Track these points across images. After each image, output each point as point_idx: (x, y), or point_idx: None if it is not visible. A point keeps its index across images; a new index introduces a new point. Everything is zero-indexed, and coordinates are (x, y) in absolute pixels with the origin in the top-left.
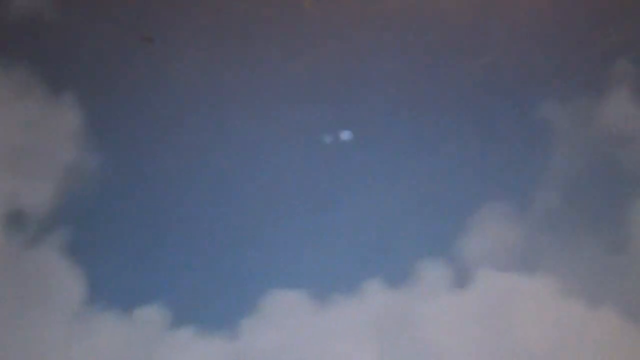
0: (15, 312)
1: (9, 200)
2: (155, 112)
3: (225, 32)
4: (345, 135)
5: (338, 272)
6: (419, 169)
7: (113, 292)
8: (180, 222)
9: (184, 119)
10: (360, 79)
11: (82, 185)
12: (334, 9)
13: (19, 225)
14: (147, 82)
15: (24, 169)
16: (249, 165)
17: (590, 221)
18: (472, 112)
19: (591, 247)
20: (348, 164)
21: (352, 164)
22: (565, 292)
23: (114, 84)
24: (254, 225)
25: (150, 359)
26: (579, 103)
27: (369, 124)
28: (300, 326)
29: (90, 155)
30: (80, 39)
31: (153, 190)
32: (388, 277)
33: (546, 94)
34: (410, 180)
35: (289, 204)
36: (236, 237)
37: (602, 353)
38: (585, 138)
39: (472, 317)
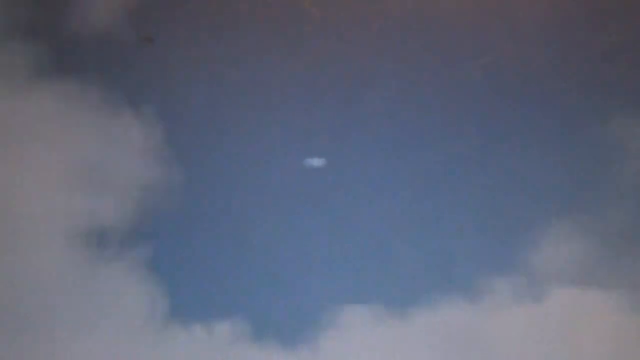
0: (95, 328)
1: (89, 216)
2: (239, 126)
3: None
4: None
5: (412, 286)
6: (492, 182)
7: (193, 306)
8: (260, 237)
9: (266, 135)
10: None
11: (161, 201)
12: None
13: (99, 241)
14: (227, 95)
15: (102, 185)
16: (329, 183)
17: None
18: (547, 126)
19: None
20: (425, 176)
21: (430, 176)
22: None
23: (193, 98)
24: (332, 241)
25: None
26: None
27: (435, 130)
28: (377, 341)
29: (169, 170)
30: (156, 53)
31: (233, 206)
32: (461, 291)
33: (620, 106)
34: (483, 193)
35: (362, 219)
36: (315, 252)
37: None
38: None
39: (545, 332)
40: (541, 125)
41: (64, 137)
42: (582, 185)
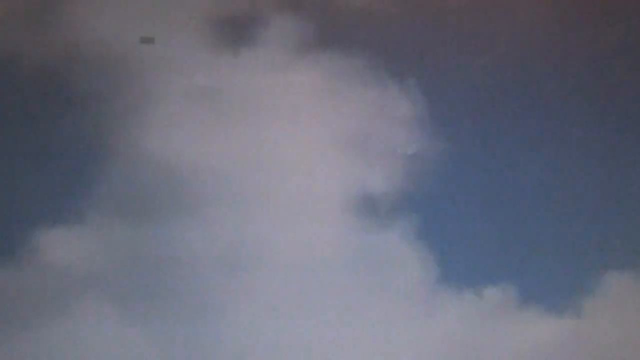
0: (366, 295)
1: (358, 186)
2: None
3: None
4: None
5: None
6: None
7: (462, 273)
8: (526, 202)
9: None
10: None
11: (427, 170)
12: None
13: (369, 210)
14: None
15: (370, 155)
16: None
17: None
18: None
19: None
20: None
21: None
22: None
23: (457, 72)
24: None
25: (498, 338)
26: None
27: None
28: None
29: (433, 141)
30: (423, 27)
31: (499, 174)
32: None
33: None
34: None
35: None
36: (578, 217)
37: None
38: None
39: None
40: None
41: (332, 109)
42: None
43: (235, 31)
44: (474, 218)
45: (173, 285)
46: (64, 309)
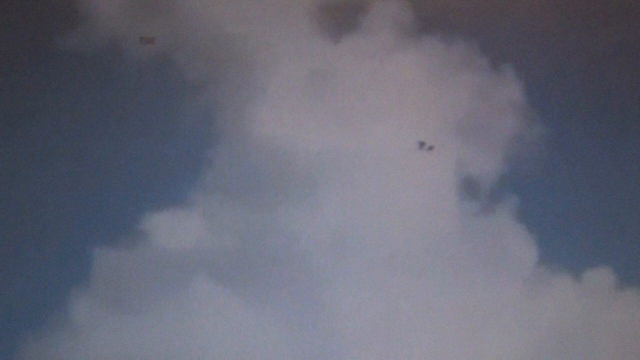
0: (470, 275)
1: (460, 169)
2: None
3: None
4: None
5: None
6: None
7: (563, 255)
8: (626, 186)
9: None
10: None
11: (526, 153)
12: None
13: (472, 193)
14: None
15: (472, 139)
16: None
17: None
18: None
19: None
20: None
21: None
22: None
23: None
24: None
25: (596, 320)
26: None
27: None
28: None
29: (532, 124)
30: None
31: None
32: None
33: None
34: None
35: None
36: None
37: None
38: None
39: None
40: None
41: (434, 94)
42: None
43: (341, 18)
44: (573, 202)
45: (281, 267)
46: (176, 290)
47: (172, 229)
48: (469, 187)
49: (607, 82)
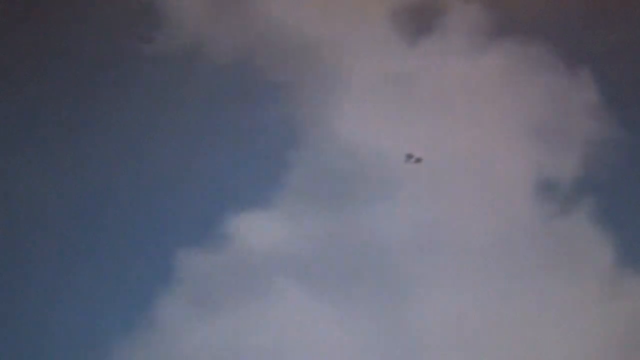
0: (547, 278)
1: (537, 171)
2: None
3: None
4: None
5: None
6: None
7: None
8: None
9: None
10: None
11: (604, 156)
12: None
13: (548, 194)
14: None
15: (550, 141)
16: None
17: None
18: None
19: None
20: None
21: None
22: None
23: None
24: None
25: None
26: None
27: None
28: None
29: (608, 127)
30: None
31: None
32: None
33: None
34: None
35: None
36: None
37: None
38: None
39: None
40: None
41: (513, 96)
42: None
43: (418, 21)
44: None
45: (365, 267)
46: (261, 290)
47: (255, 231)
48: (547, 189)
49: None
